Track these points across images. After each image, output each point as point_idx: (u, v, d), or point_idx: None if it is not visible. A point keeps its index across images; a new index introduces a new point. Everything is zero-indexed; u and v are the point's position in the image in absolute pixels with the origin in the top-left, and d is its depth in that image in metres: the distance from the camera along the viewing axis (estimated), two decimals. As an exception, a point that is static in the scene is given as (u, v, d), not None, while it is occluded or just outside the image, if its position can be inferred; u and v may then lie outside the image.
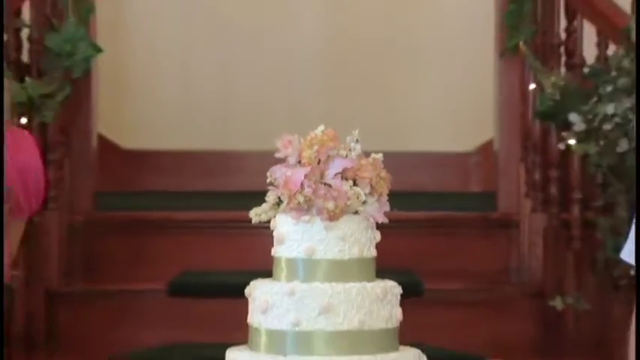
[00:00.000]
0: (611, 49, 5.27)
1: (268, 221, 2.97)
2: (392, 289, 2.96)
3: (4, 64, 5.35)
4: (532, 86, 5.53)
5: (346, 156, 2.94)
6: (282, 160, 2.95)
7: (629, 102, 4.85)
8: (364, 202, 2.92)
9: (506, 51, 5.65)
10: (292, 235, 2.98)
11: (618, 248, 4.48)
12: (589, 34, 5.50)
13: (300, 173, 2.93)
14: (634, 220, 3.11)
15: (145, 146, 6.40)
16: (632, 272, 4.65)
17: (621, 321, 4.79)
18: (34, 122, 5.25)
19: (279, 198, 2.95)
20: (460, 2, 6.35)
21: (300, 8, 6.59)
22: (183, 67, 6.58)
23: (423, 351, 3.00)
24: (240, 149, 5.72)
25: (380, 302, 2.95)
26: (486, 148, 6.12)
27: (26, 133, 3.12)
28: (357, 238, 2.98)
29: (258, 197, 2.97)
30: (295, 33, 6.60)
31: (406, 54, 6.53)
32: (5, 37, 5.29)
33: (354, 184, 2.92)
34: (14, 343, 4.97)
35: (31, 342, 5.21)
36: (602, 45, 5.42)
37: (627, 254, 3.15)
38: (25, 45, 5.52)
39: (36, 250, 4.53)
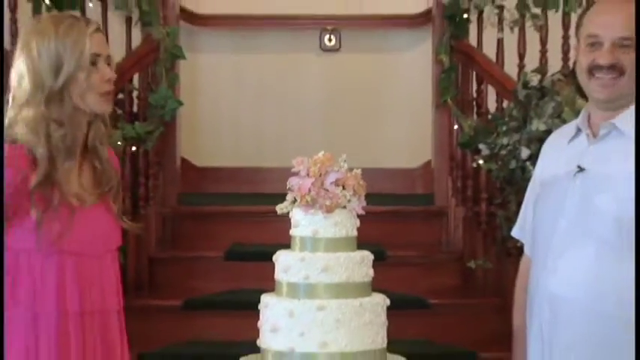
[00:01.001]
0: (505, 103, 5.34)
1: (288, 213, 2.91)
2: (367, 256, 2.91)
3: None
4: (456, 127, 5.61)
5: (338, 171, 2.89)
6: (296, 173, 2.90)
7: (517, 136, 4.82)
8: (349, 201, 2.88)
9: (440, 104, 5.73)
10: (303, 222, 2.90)
11: (510, 229, 4.62)
12: (491, 93, 5.57)
13: (307, 182, 2.89)
14: (523, 209, 3.16)
15: (210, 164, 6.41)
16: (519, 244, 4.65)
17: (512, 276, 4.47)
18: (141, 149, 5.36)
19: (294, 198, 2.91)
20: (412, 72, 6.24)
21: (308, 73, 6.50)
22: (234, 113, 6.51)
23: (387, 296, 2.94)
24: (270, 166, 5.80)
25: (359, 265, 2.89)
26: (427, 166, 6.15)
27: (112, 153, 3.01)
28: (344, 223, 2.89)
29: (281, 197, 2.92)
30: (305, 88, 6.50)
31: (379, 103, 6.44)
32: (121, 95, 5.37)
33: (343, 188, 2.88)
34: (128, 289, 4.96)
35: (139, 287, 5.26)
36: (499, 100, 5.49)
37: (516, 232, 3.19)
38: (135, 101, 5.61)
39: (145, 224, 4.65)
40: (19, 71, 2.80)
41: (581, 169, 2.81)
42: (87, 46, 2.74)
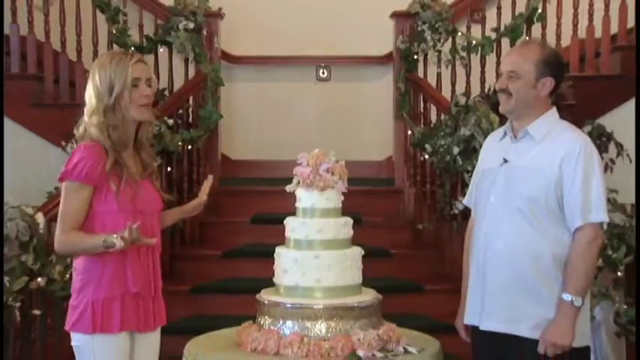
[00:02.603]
0: (442, 116, 5.19)
1: (294, 191, 2.96)
2: (348, 221, 2.95)
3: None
4: (409, 132, 5.49)
5: (328, 162, 2.92)
6: (299, 164, 2.95)
7: (450, 139, 4.77)
8: (336, 183, 2.92)
9: (398, 117, 5.61)
10: (304, 198, 2.93)
11: (447, 203, 4.64)
12: (433, 110, 5.47)
13: (307, 170, 2.91)
14: (470, 186, 3.09)
15: (241, 158, 6.23)
16: (452, 213, 4.74)
17: (447, 234, 4.91)
18: (194, 148, 5.29)
19: (298, 181, 2.94)
20: (379, 95, 6.06)
21: (308, 96, 6.38)
22: (257, 123, 6.37)
23: (362, 248, 2.98)
24: (282, 159, 5.39)
25: (343, 227, 2.92)
26: (389, 159, 5.96)
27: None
28: (333, 198, 2.93)
29: (289, 180, 2.95)
30: (306, 106, 6.38)
31: (357, 116, 6.30)
32: (180, 111, 5.30)
33: (332, 174, 2.91)
34: (187, 242, 5.08)
35: (193, 242, 5.18)
36: (438, 114, 5.33)
37: (465, 201, 3.10)
38: (190, 114, 5.46)
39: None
40: (88, 92, 2.85)
41: (505, 161, 2.81)
42: (129, 72, 2.78)
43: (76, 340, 2.78)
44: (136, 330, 2.80)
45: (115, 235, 2.68)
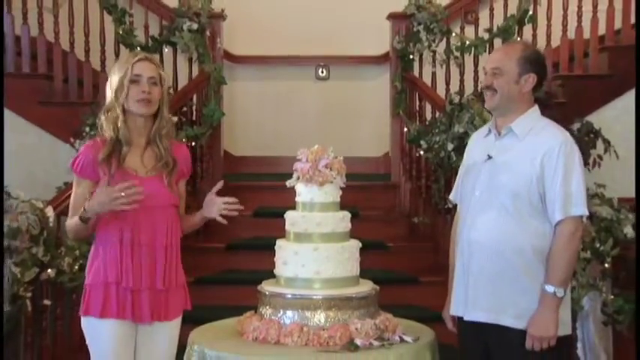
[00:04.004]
0: (437, 114, 5.16)
1: (294, 186, 2.96)
2: (346, 215, 2.95)
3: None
4: (405, 129, 5.43)
5: (327, 158, 2.91)
6: (299, 160, 2.94)
7: (445, 136, 4.73)
8: (335, 178, 2.91)
9: (395, 114, 5.58)
10: (303, 192, 2.92)
11: (442, 197, 4.57)
12: (428, 107, 5.45)
13: (307, 165, 2.91)
14: (457, 181, 3.08)
15: (243, 154, 6.23)
16: (446, 207, 4.68)
17: (441, 228, 4.86)
18: (197, 144, 5.25)
19: (298, 176, 2.93)
20: (376, 93, 6.03)
21: (308, 94, 6.36)
22: (258, 120, 6.35)
23: (360, 241, 2.97)
24: (282, 155, 5.39)
25: (341, 220, 2.92)
26: (386, 155, 5.93)
27: (184, 144, 3.08)
28: (332, 193, 2.92)
29: (290, 176, 2.96)
30: (306, 104, 6.37)
31: (355, 113, 6.28)
32: (185, 108, 5.28)
33: (331, 170, 2.90)
34: (190, 235, 4.77)
35: (197, 234, 4.81)
36: (433, 112, 5.32)
37: (452, 197, 3.09)
38: (194, 112, 5.46)
39: (199, 196, 4.35)
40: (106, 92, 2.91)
41: (489, 157, 2.80)
42: (129, 70, 2.79)
43: (82, 320, 2.86)
44: (123, 319, 2.77)
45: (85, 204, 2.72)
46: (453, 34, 5.51)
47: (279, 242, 2.93)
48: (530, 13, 5.44)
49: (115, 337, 2.77)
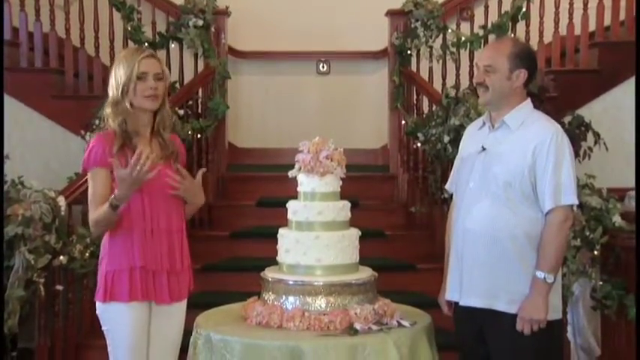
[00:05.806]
0: (434, 107, 5.17)
1: (296, 176, 2.95)
2: (346, 204, 2.95)
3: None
4: (403, 122, 5.41)
5: (328, 149, 2.91)
6: (301, 151, 2.94)
7: (441, 128, 4.73)
8: (335, 169, 2.91)
9: (393, 108, 5.54)
10: (305, 182, 2.92)
11: (438, 188, 4.56)
12: (425, 101, 5.41)
13: (308, 157, 2.91)
14: (452, 172, 3.08)
15: (246, 146, 6.18)
16: (442, 197, 4.67)
17: (437, 217, 4.81)
18: (203, 136, 5.23)
19: (300, 167, 2.93)
20: (375, 88, 6.01)
21: (309, 88, 6.30)
22: (262, 113, 6.31)
23: (359, 229, 2.96)
24: (284, 147, 5.23)
25: (341, 210, 2.92)
26: (385, 147, 5.90)
27: (176, 135, 3.02)
28: (332, 183, 2.92)
29: (292, 167, 2.96)
30: (307, 98, 6.29)
31: (354, 107, 6.23)
32: (190, 102, 5.26)
33: (331, 161, 2.90)
34: (196, 224, 4.91)
35: (202, 223, 5.06)
36: (430, 105, 5.31)
37: (447, 187, 3.08)
38: (199, 105, 5.42)
39: (205, 187, 4.57)
40: (108, 86, 2.89)
41: (483, 149, 2.80)
42: (135, 67, 2.79)
43: (97, 307, 2.84)
44: (148, 300, 2.80)
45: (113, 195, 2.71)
46: (449, 31, 5.50)
47: (281, 231, 2.93)
48: (524, 10, 5.42)
49: (140, 320, 2.79)
